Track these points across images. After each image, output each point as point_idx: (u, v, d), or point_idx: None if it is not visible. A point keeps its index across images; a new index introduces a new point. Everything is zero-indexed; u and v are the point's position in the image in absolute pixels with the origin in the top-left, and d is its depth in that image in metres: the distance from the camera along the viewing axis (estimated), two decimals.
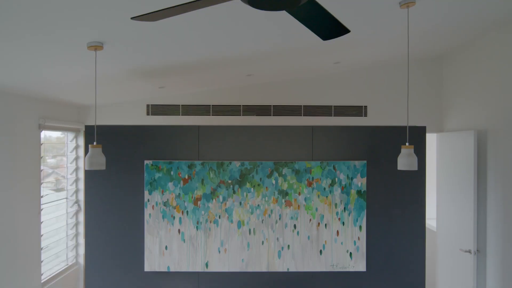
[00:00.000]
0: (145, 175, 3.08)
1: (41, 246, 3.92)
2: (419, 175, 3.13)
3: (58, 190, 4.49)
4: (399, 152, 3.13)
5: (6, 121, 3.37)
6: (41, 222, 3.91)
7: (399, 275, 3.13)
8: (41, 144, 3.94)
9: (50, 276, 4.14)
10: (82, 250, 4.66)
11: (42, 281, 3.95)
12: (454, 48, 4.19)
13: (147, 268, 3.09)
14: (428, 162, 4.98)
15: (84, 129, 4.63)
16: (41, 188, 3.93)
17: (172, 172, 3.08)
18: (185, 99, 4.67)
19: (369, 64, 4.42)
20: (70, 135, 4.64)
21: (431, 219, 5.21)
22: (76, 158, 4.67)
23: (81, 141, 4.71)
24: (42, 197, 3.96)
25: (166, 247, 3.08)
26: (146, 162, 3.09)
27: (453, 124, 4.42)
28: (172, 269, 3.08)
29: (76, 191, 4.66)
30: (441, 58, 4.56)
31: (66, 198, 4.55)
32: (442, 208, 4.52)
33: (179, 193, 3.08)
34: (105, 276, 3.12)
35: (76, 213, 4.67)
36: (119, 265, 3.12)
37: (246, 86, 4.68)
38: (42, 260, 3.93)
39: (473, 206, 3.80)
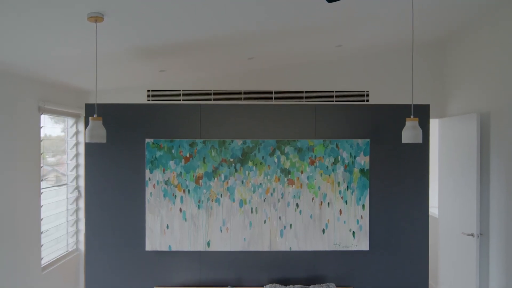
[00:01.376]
0: (146, 153, 3.05)
1: (41, 230, 3.89)
2: (423, 152, 3.10)
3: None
4: (401, 132, 3.10)
5: (5, 103, 3.34)
6: (41, 206, 3.88)
7: (402, 254, 3.10)
8: (41, 127, 3.91)
9: (50, 261, 4.12)
10: (82, 237, 4.64)
11: (42, 265, 3.92)
12: (454, 32, 4.17)
13: (148, 247, 3.06)
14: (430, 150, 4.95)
15: (84, 114, 4.61)
16: (41, 170, 3.90)
17: (173, 151, 3.05)
18: (186, 85, 4.65)
19: (371, 49, 4.39)
20: (70, 121, 4.61)
21: (433, 207, 5.18)
22: (76, 144, 4.64)
23: (81, 126, 4.68)
24: (42, 180, 3.93)
25: (167, 226, 3.05)
26: (147, 140, 3.06)
27: (455, 109, 4.39)
28: (173, 248, 3.06)
29: (77, 177, 4.63)
30: (442, 44, 4.54)
31: (66, 184, 4.52)
32: (444, 194, 4.50)
33: (181, 172, 3.05)
34: (105, 255, 3.09)
35: (76, 199, 4.65)
36: (120, 244, 3.09)
37: (247, 72, 4.65)
38: (42, 244, 3.90)
39: (476, 189, 3.78)
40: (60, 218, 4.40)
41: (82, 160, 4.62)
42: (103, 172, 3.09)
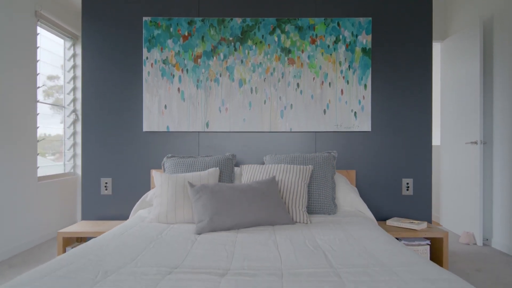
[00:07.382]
0: (143, 32, 2.99)
1: (37, 139, 3.82)
2: (425, 32, 3.04)
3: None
4: (405, 10, 3.04)
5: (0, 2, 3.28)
6: (37, 114, 3.81)
7: (404, 135, 3.03)
8: (37, 35, 3.85)
9: (47, 175, 4.05)
10: (79, 161, 4.56)
11: (38, 175, 3.85)
12: None
13: (145, 128, 2.99)
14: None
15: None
16: (37, 78, 3.84)
17: (171, 29, 2.99)
18: None
19: None
20: (68, 43, 4.55)
21: (434, 142, 5.11)
22: (74, 67, 4.58)
23: (79, 49, 4.62)
24: (38, 87, 3.86)
25: (165, 106, 2.99)
26: (144, 18, 2.99)
27: (456, 29, 4.33)
28: (171, 129, 2.99)
29: (74, 100, 4.57)
30: None
31: (63, 106, 4.46)
32: (446, 119, 4.42)
33: (179, 51, 2.99)
34: (102, 136, 3.02)
35: (74, 123, 4.58)
36: (117, 125, 3.02)
37: None
38: (38, 152, 3.83)
39: (479, 93, 3.71)
40: (57, 136, 4.34)
41: (79, 83, 4.56)
42: (100, 52, 3.03)
